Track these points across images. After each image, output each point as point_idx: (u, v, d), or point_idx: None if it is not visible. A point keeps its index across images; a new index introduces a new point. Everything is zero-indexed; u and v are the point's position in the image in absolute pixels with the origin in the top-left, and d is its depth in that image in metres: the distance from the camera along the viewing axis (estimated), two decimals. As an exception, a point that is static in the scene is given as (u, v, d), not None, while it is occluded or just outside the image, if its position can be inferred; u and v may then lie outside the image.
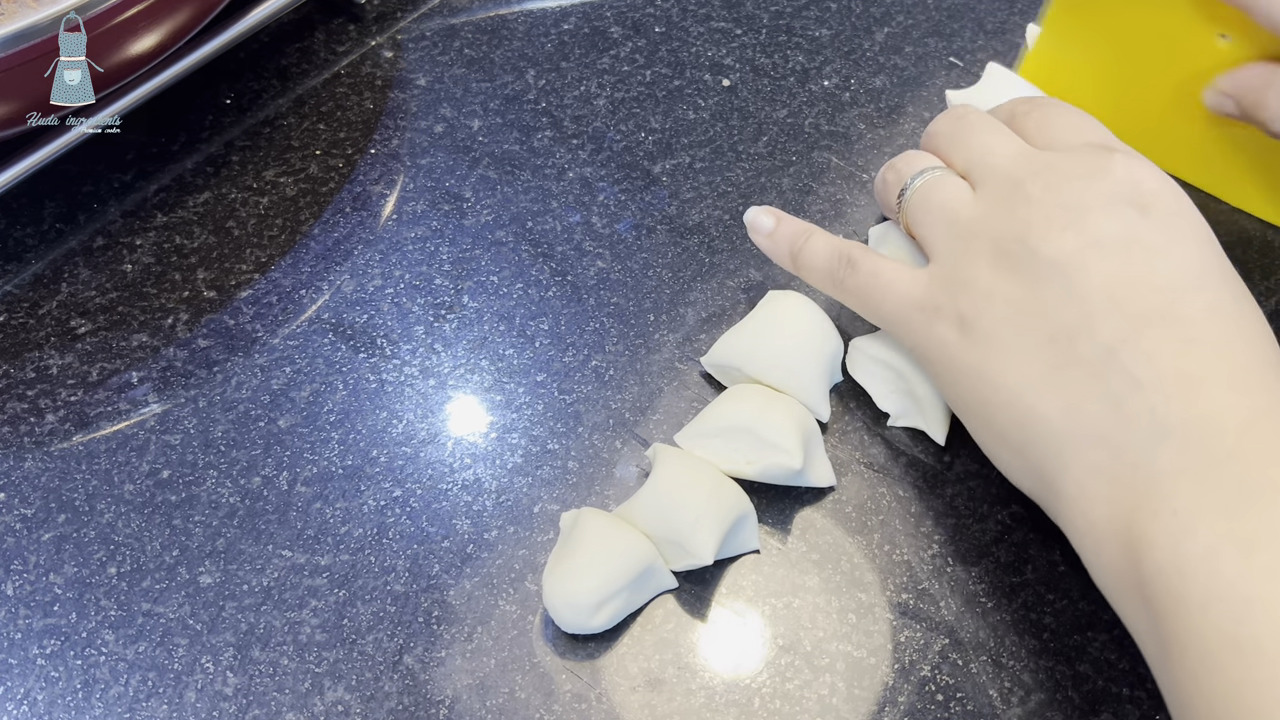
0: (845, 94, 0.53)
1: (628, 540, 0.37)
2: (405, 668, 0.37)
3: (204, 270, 0.46)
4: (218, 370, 0.44)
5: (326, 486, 0.41)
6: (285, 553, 0.39)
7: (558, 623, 0.37)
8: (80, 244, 0.47)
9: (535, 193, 0.49)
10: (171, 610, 0.38)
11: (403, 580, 0.39)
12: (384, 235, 0.48)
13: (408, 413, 0.43)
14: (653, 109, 0.52)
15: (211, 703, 0.36)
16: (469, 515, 0.40)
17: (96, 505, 0.40)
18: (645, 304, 0.46)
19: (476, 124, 0.52)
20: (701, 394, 0.43)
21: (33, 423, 0.42)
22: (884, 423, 0.43)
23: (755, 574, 0.39)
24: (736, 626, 0.38)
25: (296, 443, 0.42)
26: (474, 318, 0.45)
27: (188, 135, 0.51)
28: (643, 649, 0.37)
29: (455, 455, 0.42)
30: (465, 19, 0.56)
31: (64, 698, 0.36)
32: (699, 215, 0.49)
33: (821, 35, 0.56)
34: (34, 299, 0.45)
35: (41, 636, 0.37)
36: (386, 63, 0.54)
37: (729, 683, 0.37)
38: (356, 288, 0.46)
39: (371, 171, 0.50)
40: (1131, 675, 0.37)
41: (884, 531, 0.40)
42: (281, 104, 0.52)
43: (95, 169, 0.49)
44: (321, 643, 0.37)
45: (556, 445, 0.42)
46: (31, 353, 0.44)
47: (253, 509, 0.40)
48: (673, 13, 0.56)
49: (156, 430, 0.42)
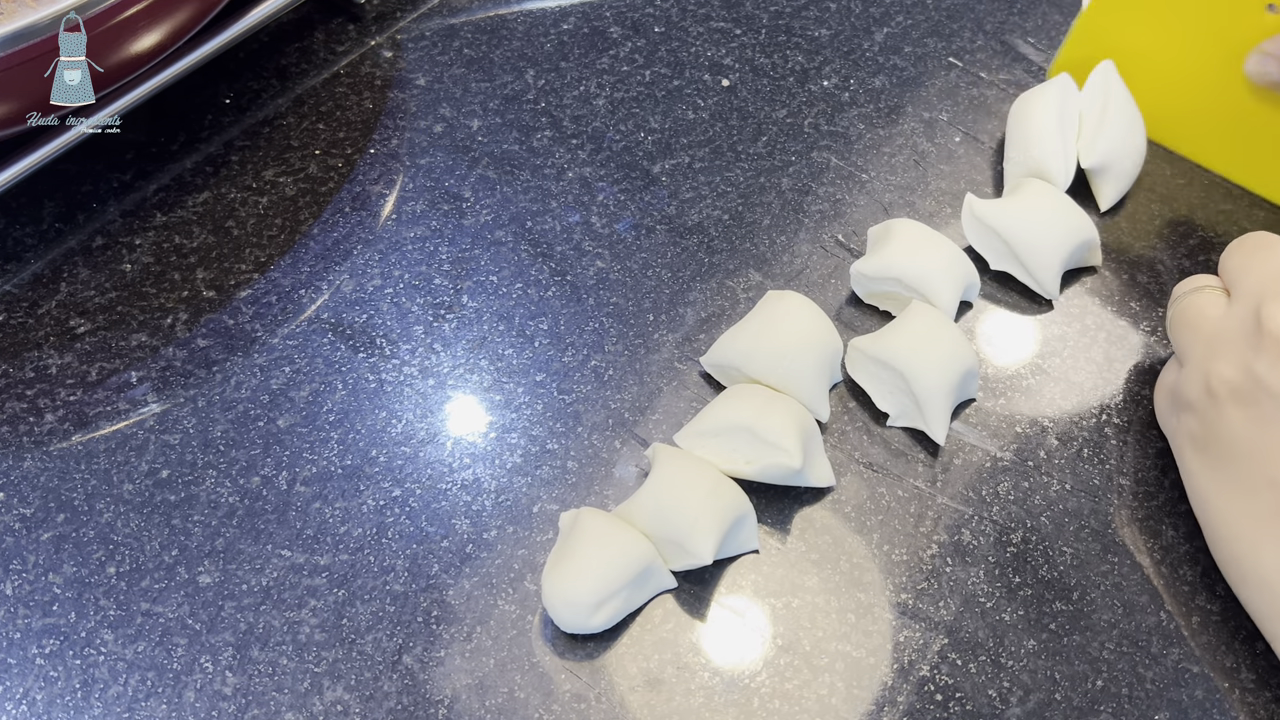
0: (845, 94, 0.53)
1: (627, 540, 0.37)
2: (404, 667, 0.37)
3: (203, 270, 0.46)
4: (217, 370, 0.44)
5: (326, 486, 0.41)
6: (284, 552, 0.39)
7: (557, 623, 0.37)
8: (79, 244, 0.47)
9: (534, 193, 0.49)
10: (171, 610, 0.38)
11: (402, 580, 0.39)
12: (383, 235, 0.48)
13: (407, 412, 0.43)
14: (652, 109, 0.52)
15: (210, 702, 0.36)
16: (468, 515, 0.40)
17: (95, 505, 0.40)
18: (644, 304, 0.46)
19: (476, 124, 0.52)
20: (701, 394, 0.43)
21: (32, 422, 0.42)
22: (883, 423, 0.43)
23: (754, 574, 0.39)
24: (736, 626, 0.38)
25: (296, 442, 0.42)
26: (473, 317, 0.45)
27: (187, 135, 0.51)
28: (642, 649, 0.37)
29: (454, 455, 0.42)
30: (465, 19, 0.56)
31: (63, 697, 0.36)
32: (698, 215, 0.49)
33: (821, 35, 0.56)
34: (33, 298, 0.45)
35: (40, 636, 0.37)
36: (386, 62, 0.54)
37: (728, 682, 0.37)
38: (356, 287, 0.46)
39: (371, 171, 0.50)
40: (1131, 675, 0.37)
41: (883, 531, 0.40)
42: (281, 104, 0.52)
43: (94, 169, 0.49)
44: (321, 642, 0.37)
45: (556, 445, 0.42)
46: (31, 352, 0.44)
47: (252, 509, 0.40)
48: (672, 13, 0.56)
49: (155, 430, 0.42)
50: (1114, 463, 0.42)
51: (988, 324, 0.46)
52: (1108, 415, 0.43)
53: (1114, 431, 0.43)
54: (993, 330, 0.46)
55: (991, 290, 0.47)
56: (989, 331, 0.46)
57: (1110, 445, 0.42)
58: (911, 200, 0.50)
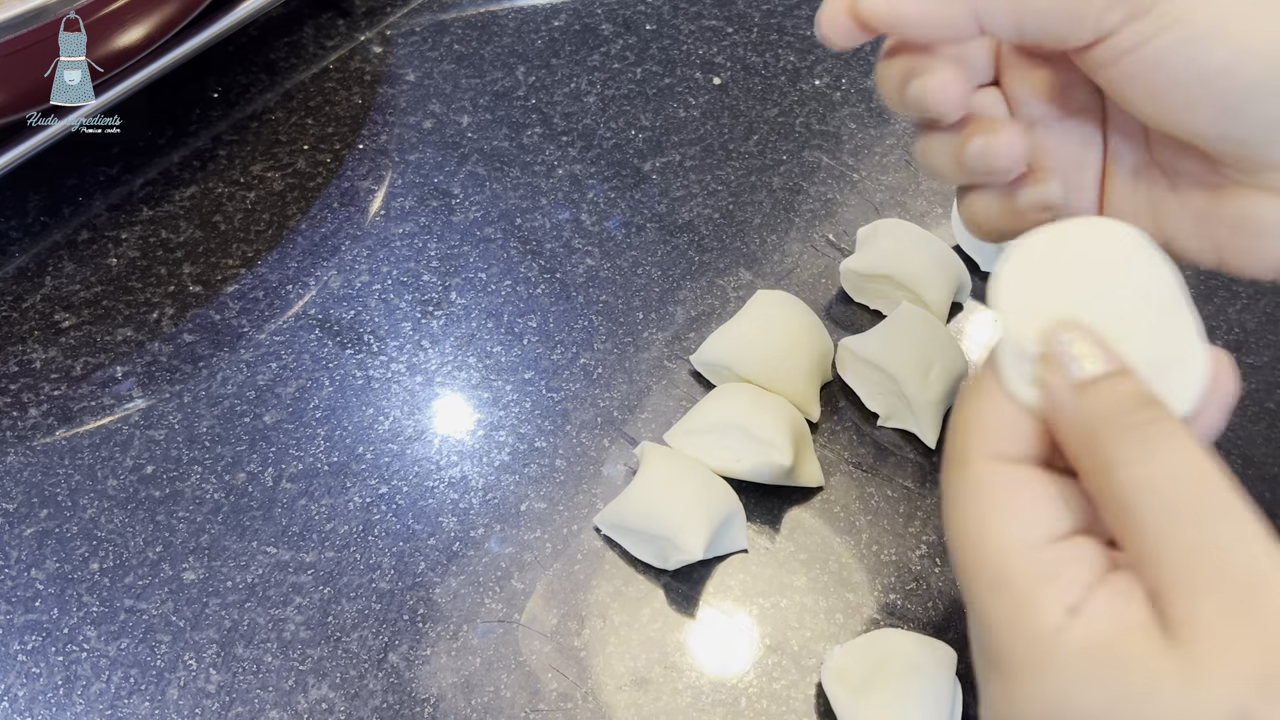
0: (836, 93, 0.53)
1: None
2: (390, 665, 0.37)
3: (190, 265, 0.46)
4: (203, 365, 0.43)
5: (312, 483, 0.40)
6: (270, 549, 0.39)
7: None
8: (65, 237, 0.47)
9: (524, 190, 0.49)
10: (154, 606, 0.38)
11: (388, 578, 0.38)
12: (372, 231, 0.47)
13: (394, 409, 0.42)
14: (643, 106, 0.52)
15: (194, 700, 0.36)
16: (455, 513, 0.40)
17: (79, 500, 0.40)
18: (634, 302, 0.46)
19: (466, 120, 0.51)
20: (690, 392, 0.43)
21: (15, 417, 0.42)
22: (873, 423, 0.43)
23: (743, 573, 0.39)
24: (724, 626, 0.38)
25: (282, 439, 0.41)
26: (462, 314, 0.45)
27: (175, 129, 0.51)
28: (629, 648, 0.37)
29: (442, 452, 0.41)
30: (455, 15, 0.56)
31: (45, 694, 0.36)
32: (689, 213, 0.48)
33: (813, 34, 0.56)
34: (17, 292, 0.45)
35: (23, 632, 0.37)
36: (375, 58, 0.54)
37: (716, 682, 0.37)
38: (344, 284, 0.46)
39: (359, 167, 0.50)
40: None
41: (872, 531, 0.40)
42: (269, 98, 0.52)
43: (80, 162, 0.49)
44: (306, 640, 0.37)
45: (544, 443, 0.42)
46: (14, 346, 0.43)
47: (237, 505, 0.40)
48: (664, 10, 0.56)
49: (140, 425, 0.42)
50: (1103, 464, 0.42)
51: (979, 325, 0.46)
52: (1097, 416, 0.43)
53: (1103, 433, 0.43)
54: (984, 332, 0.46)
55: (983, 291, 0.47)
56: (980, 333, 0.46)
57: (1099, 446, 0.42)
58: (903, 200, 0.50)
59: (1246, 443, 0.43)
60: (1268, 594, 0.23)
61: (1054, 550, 0.26)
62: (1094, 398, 0.26)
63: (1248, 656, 0.23)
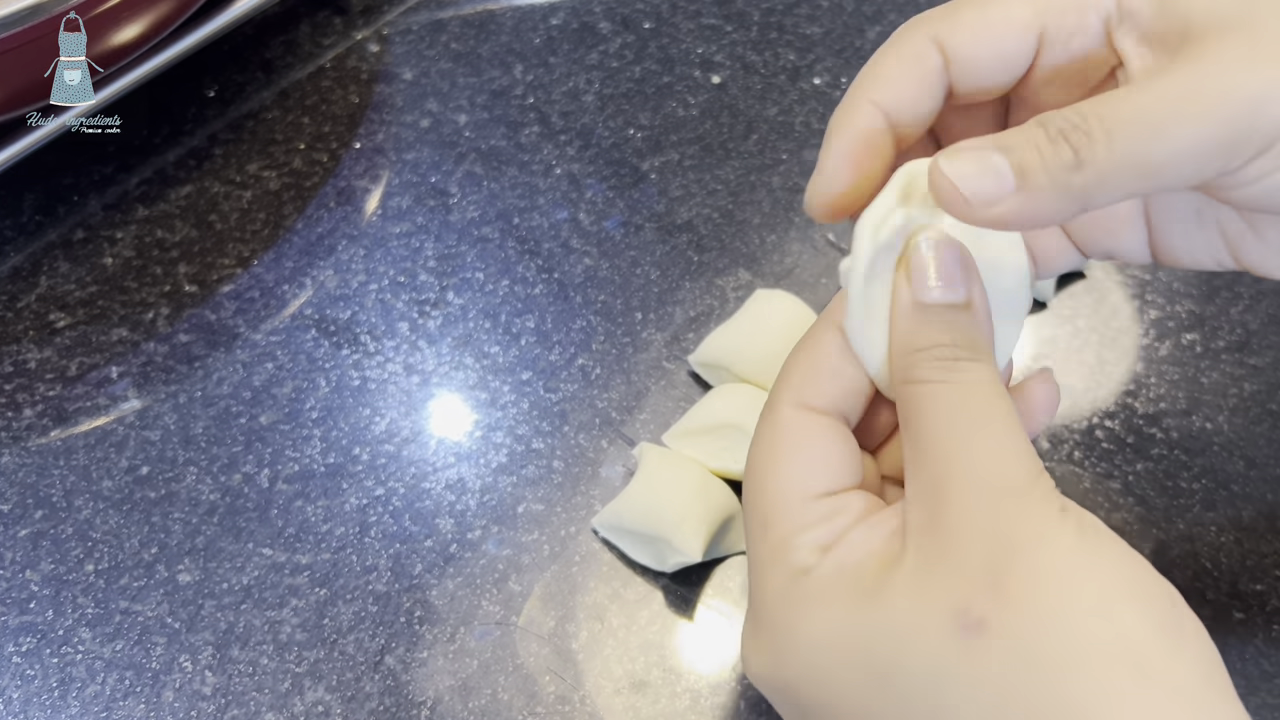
0: (836, 92, 0.53)
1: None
2: (387, 668, 0.36)
3: (185, 264, 0.46)
4: (199, 366, 0.43)
5: (308, 484, 0.40)
6: (266, 551, 0.39)
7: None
8: (60, 237, 0.46)
9: (522, 189, 0.49)
10: (150, 608, 0.37)
11: (385, 580, 0.38)
12: (368, 230, 0.47)
13: (391, 410, 0.42)
14: (642, 105, 0.52)
15: (190, 702, 0.36)
16: (452, 514, 0.40)
17: (74, 502, 0.40)
18: (633, 302, 0.45)
19: (463, 119, 0.51)
20: (689, 393, 0.43)
21: (10, 418, 0.41)
22: (872, 423, 0.42)
23: (741, 576, 0.39)
24: (722, 629, 0.38)
25: (278, 440, 0.41)
26: (459, 314, 0.45)
27: (170, 127, 0.50)
28: (627, 650, 0.37)
29: (439, 454, 0.41)
30: (452, 13, 0.55)
31: (40, 696, 0.36)
32: (688, 213, 0.48)
33: (813, 33, 0.56)
34: (12, 292, 0.45)
35: (17, 634, 0.37)
36: (372, 56, 0.54)
37: (714, 686, 0.36)
38: (340, 283, 0.46)
39: (356, 166, 0.49)
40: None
41: (871, 533, 0.40)
42: (265, 97, 0.52)
43: (75, 161, 0.49)
44: (302, 642, 0.37)
45: (542, 444, 0.42)
46: (9, 346, 0.43)
47: (233, 506, 0.40)
48: (662, 8, 0.56)
49: (136, 426, 0.41)
50: (1104, 466, 0.42)
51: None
52: (1099, 418, 0.43)
53: (1105, 435, 0.43)
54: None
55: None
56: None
57: (1101, 448, 0.42)
58: (902, 200, 0.49)
59: (1249, 444, 0.42)
60: (1007, 499, 0.24)
61: (825, 502, 0.26)
62: (929, 324, 0.26)
63: (974, 557, 0.23)
